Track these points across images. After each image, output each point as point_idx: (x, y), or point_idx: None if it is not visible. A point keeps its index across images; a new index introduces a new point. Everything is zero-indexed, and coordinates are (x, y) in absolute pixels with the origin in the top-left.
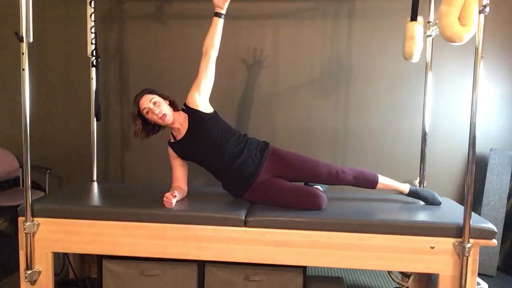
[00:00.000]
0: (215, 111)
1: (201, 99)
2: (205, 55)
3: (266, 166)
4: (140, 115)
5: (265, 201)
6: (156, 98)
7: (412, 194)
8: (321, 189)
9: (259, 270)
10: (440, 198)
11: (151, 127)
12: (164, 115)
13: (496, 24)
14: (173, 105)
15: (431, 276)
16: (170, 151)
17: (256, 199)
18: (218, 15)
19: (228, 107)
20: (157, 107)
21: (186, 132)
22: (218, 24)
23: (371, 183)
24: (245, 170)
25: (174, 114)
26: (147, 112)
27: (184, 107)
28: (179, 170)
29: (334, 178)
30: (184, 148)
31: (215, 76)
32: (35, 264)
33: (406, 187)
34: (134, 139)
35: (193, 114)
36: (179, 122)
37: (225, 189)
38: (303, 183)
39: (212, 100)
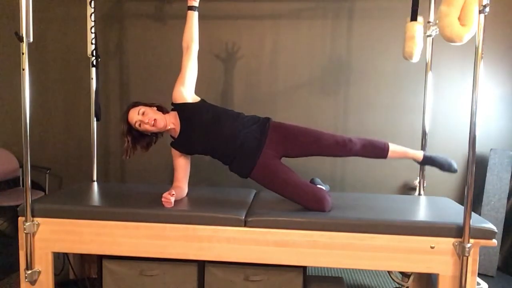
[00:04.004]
0: (202, 99)
1: (187, 92)
2: (187, 50)
3: (270, 141)
4: (130, 132)
5: (271, 186)
6: (143, 108)
7: (427, 161)
8: (324, 189)
9: (259, 270)
10: (456, 166)
11: (149, 139)
12: (155, 120)
13: (496, 24)
14: (161, 109)
15: (431, 276)
16: (173, 151)
17: (263, 180)
18: (192, 8)
19: (228, 107)
20: (146, 116)
21: (181, 127)
22: (194, 18)
23: (381, 152)
24: (248, 146)
25: (164, 117)
26: (140, 125)
27: (172, 106)
28: (181, 170)
29: (341, 148)
30: (184, 143)
31: (214, 75)
32: (35, 264)
33: (420, 154)
34: (125, 158)
35: (182, 108)
36: (172, 122)
37: (232, 170)
38: (309, 181)
39: (212, 100)
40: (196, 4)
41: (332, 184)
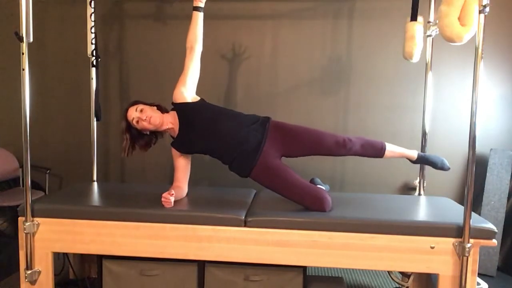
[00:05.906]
0: (202, 99)
1: (188, 93)
2: (190, 50)
3: (270, 140)
4: (129, 130)
5: (271, 186)
6: (141, 106)
7: (421, 159)
8: (324, 189)
9: (259, 270)
10: (448, 164)
11: (148, 138)
12: (151, 117)
13: (496, 24)
14: (160, 108)
15: (431, 276)
16: (174, 151)
17: (263, 180)
18: (198, 9)
19: (228, 107)
20: (144, 113)
21: (180, 127)
22: (199, 18)
23: (379, 152)
24: (248, 145)
25: (163, 116)
26: (137, 122)
27: (172, 106)
28: (181, 170)
29: (341, 147)
30: (184, 143)
31: (214, 75)
32: (35, 264)
33: (414, 153)
34: (123, 155)
35: (182, 108)
36: (170, 122)
37: (231, 169)
38: (309, 181)
39: (212, 100)
40: (202, 4)
41: (332, 184)
